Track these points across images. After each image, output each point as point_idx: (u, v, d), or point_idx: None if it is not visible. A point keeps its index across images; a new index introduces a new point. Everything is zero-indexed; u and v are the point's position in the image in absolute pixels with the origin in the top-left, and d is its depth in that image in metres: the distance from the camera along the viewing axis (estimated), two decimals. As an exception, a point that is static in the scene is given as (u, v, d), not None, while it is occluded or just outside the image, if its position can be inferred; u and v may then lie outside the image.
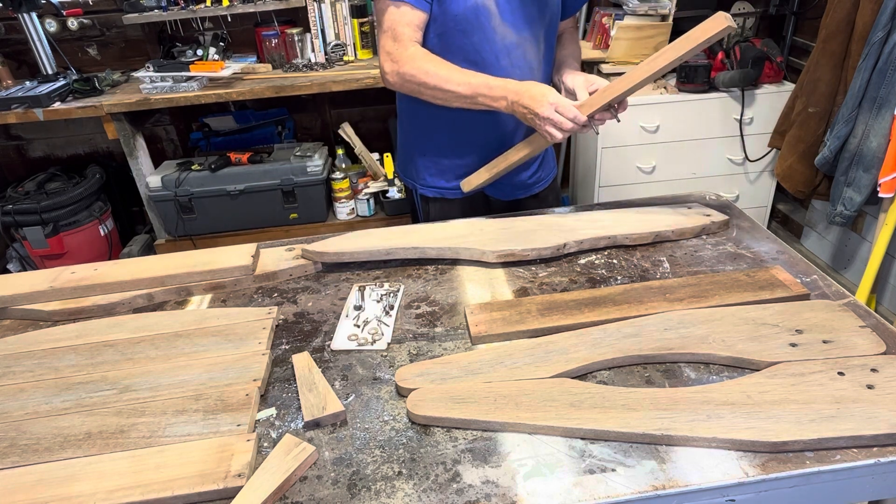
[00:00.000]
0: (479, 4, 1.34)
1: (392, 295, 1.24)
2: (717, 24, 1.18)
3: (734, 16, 2.96)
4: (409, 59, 1.33)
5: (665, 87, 2.83)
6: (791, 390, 0.89)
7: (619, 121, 1.35)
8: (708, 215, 1.40)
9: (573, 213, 1.49)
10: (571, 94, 1.39)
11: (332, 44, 2.89)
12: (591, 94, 1.34)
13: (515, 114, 1.31)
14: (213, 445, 0.88)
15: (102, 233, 2.98)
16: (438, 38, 1.39)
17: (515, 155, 1.46)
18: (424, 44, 1.39)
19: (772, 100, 2.78)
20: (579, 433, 0.87)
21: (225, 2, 2.77)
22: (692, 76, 2.75)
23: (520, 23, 1.41)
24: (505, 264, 1.32)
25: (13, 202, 2.75)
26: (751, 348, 0.98)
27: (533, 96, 1.27)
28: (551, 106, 1.25)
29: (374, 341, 1.10)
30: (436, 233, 1.40)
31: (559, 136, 1.27)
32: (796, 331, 1.01)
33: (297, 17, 2.97)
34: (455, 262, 1.34)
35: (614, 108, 1.32)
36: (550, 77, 1.56)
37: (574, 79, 1.41)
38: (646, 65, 1.26)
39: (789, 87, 2.77)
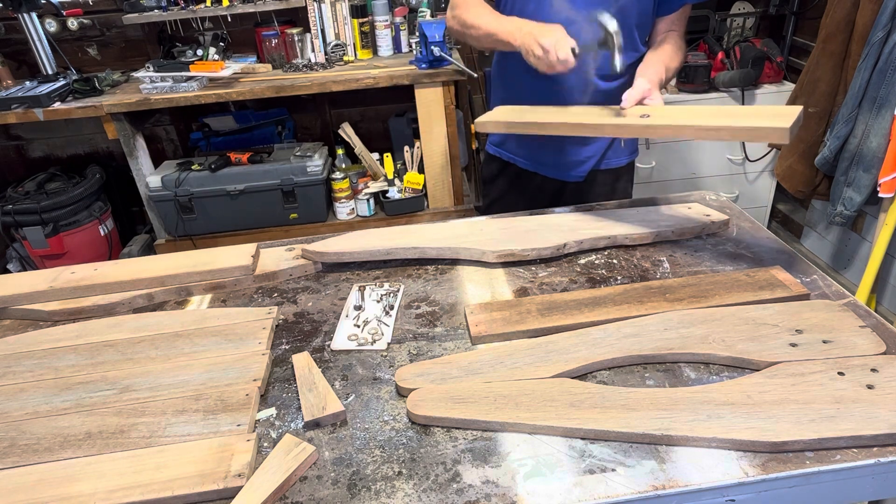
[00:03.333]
0: None
1: (392, 295, 1.24)
2: (779, 135, 1.09)
3: (734, 16, 2.97)
4: (463, 4, 1.53)
5: (665, 87, 2.82)
6: (791, 390, 0.89)
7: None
8: (708, 215, 1.40)
9: (573, 213, 1.49)
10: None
11: (332, 44, 2.89)
12: (639, 100, 1.33)
13: (524, 45, 1.33)
14: (213, 445, 0.88)
15: (102, 233, 2.98)
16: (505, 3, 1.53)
17: (550, 116, 1.39)
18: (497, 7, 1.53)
19: (772, 100, 2.78)
20: (579, 433, 0.87)
21: (225, 2, 2.77)
22: (692, 76, 2.75)
23: (579, 1, 1.42)
24: (505, 264, 1.32)
25: (13, 202, 2.75)
26: (751, 348, 0.98)
27: (543, 25, 1.34)
28: (553, 36, 1.29)
29: (374, 341, 1.10)
30: (436, 233, 1.40)
31: (541, 65, 1.30)
32: (796, 331, 1.01)
33: (297, 17, 2.97)
34: (455, 262, 1.34)
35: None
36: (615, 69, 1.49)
37: (639, 78, 1.38)
38: (690, 121, 1.20)
39: (789, 87, 2.77)
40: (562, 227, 1.38)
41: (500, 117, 1.48)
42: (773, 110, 1.17)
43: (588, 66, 1.48)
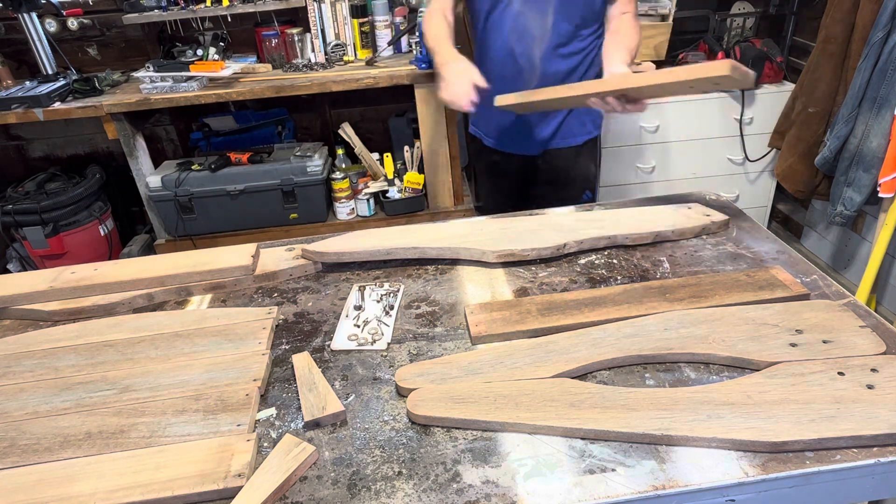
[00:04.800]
0: None
1: (392, 295, 1.24)
2: (720, 67, 1.17)
3: (734, 16, 2.97)
4: (426, 15, 1.73)
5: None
6: (791, 390, 0.89)
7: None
8: (708, 215, 1.40)
9: (573, 213, 1.49)
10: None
11: (332, 44, 2.89)
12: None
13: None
14: (213, 445, 0.88)
15: (102, 233, 2.98)
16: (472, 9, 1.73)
17: (553, 93, 1.50)
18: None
19: (772, 100, 2.78)
20: (579, 433, 0.87)
21: (225, 2, 2.77)
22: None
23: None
24: (505, 264, 1.32)
25: (13, 202, 2.75)
26: (751, 348, 0.98)
27: (449, 72, 1.52)
28: (451, 84, 1.49)
29: (374, 341, 1.10)
30: (436, 233, 1.40)
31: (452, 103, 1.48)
32: (796, 331, 1.01)
33: (297, 17, 2.97)
34: (455, 262, 1.34)
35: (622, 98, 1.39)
36: (559, 50, 1.69)
37: (613, 69, 1.52)
38: (623, 77, 1.34)
39: (789, 87, 2.77)
40: (562, 227, 1.38)
41: (516, 98, 1.63)
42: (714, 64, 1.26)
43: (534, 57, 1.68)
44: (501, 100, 1.62)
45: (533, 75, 1.70)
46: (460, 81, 1.48)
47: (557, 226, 1.39)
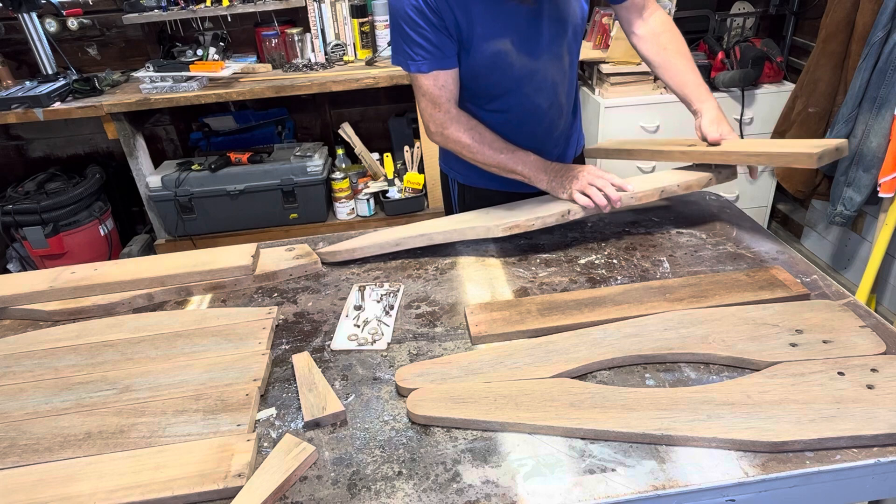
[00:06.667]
0: (497, 50, 1.31)
1: (392, 295, 1.24)
2: (807, 160, 1.19)
3: (734, 16, 2.97)
4: (449, 122, 1.37)
5: (665, 87, 2.82)
6: (791, 390, 0.89)
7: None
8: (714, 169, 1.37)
9: None
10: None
11: (332, 44, 2.89)
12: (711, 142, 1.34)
13: (553, 188, 1.36)
14: (213, 445, 0.88)
15: (102, 233, 2.98)
16: (463, 80, 1.38)
17: (654, 147, 1.47)
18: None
19: (772, 100, 2.78)
20: (579, 433, 0.87)
21: (225, 2, 2.77)
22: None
23: (536, 51, 1.36)
24: (505, 263, 1.32)
25: (13, 202, 2.75)
26: (751, 348, 0.98)
27: (567, 167, 1.35)
28: (587, 178, 1.31)
29: (374, 341, 1.10)
30: (441, 222, 1.39)
31: (591, 204, 1.29)
32: (796, 331, 1.01)
33: (297, 17, 2.97)
34: (455, 262, 1.34)
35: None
36: (574, 77, 1.52)
37: (708, 122, 1.37)
38: (736, 148, 1.29)
39: (789, 87, 2.77)
40: None
41: (606, 146, 1.64)
42: (815, 141, 1.26)
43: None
44: (591, 151, 1.59)
45: (561, 115, 1.53)
46: (599, 176, 1.31)
47: None
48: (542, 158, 1.39)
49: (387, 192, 2.94)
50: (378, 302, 1.21)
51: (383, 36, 2.92)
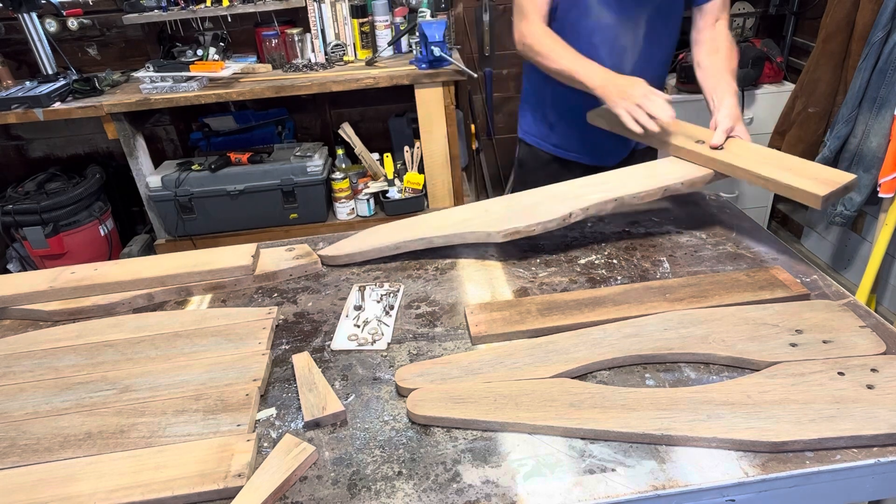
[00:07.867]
0: None
1: (392, 295, 1.24)
2: (813, 200, 1.18)
3: (734, 16, 2.97)
4: (530, 33, 1.51)
5: (664, 88, 2.82)
6: (791, 390, 0.89)
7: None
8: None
9: (577, 179, 1.43)
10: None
11: (332, 44, 2.89)
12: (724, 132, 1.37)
13: (606, 94, 1.39)
14: (213, 445, 0.88)
15: (102, 233, 2.98)
16: (550, 13, 1.54)
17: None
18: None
19: (772, 100, 2.78)
20: (579, 433, 0.87)
21: (225, 2, 2.77)
22: (692, 76, 2.74)
23: (616, 5, 1.48)
24: (505, 263, 1.32)
25: (13, 202, 2.75)
26: (751, 348, 0.98)
27: (627, 79, 1.38)
28: (642, 93, 1.34)
29: (374, 341, 1.10)
30: (440, 220, 1.38)
31: (634, 125, 1.33)
32: (796, 331, 1.01)
33: (297, 17, 2.97)
34: (455, 262, 1.34)
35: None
36: (651, 59, 1.61)
37: (720, 112, 1.42)
38: (759, 165, 1.27)
39: (789, 87, 2.77)
40: (566, 195, 1.34)
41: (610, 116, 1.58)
42: (825, 173, 1.23)
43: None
44: (593, 115, 1.57)
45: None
46: (653, 95, 1.35)
47: (562, 195, 1.35)
48: (605, 69, 1.43)
49: (387, 192, 2.93)
50: (378, 302, 1.21)
51: (383, 36, 2.92)
